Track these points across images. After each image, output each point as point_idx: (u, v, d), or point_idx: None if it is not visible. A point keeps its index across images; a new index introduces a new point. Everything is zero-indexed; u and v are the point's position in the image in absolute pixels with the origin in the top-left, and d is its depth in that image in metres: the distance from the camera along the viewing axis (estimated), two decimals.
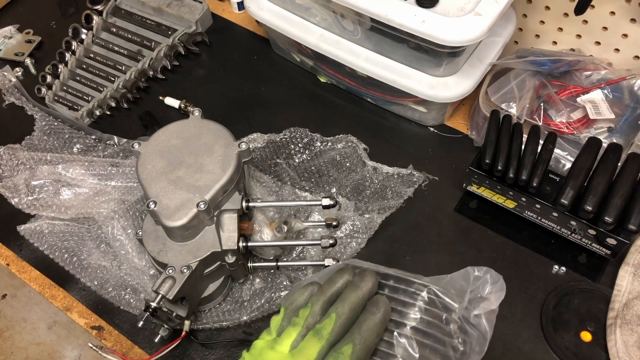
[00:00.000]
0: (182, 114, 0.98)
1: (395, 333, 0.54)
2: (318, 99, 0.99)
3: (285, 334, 0.53)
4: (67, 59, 1.04)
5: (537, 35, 0.94)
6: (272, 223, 0.78)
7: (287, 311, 0.55)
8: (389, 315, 0.54)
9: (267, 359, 0.52)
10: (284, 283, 0.78)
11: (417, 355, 0.53)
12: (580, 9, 0.80)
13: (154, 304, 0.66)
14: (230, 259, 0.72)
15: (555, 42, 0.93)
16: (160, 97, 1.00)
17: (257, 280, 0.80)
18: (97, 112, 0.98)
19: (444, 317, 0.55)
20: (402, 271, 0.59)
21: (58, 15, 1.15)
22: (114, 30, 1.06)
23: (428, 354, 0.53)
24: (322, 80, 1.00)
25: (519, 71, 0.87)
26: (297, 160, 0.90)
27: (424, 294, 0.56)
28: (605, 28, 0.86)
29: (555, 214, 0.75)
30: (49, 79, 1.03)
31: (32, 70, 1.06)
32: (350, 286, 0.54)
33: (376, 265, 0.63)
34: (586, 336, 0.73)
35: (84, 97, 0.99)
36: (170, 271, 0.68)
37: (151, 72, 1.02)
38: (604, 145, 0.73)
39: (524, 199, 0.76)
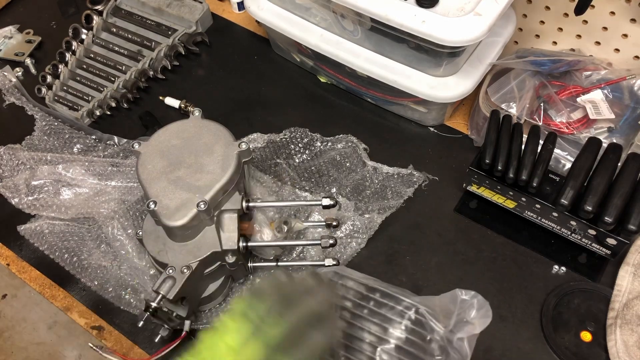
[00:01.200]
0: (182, 114, 0.98)
1: (378, 349, 0.55)
2: (318, 99, 0.99)
3: (236, 326, 0.53)
4: (67, 59, 1.04)
5: (537, 35, 0.94)
6: (272, 223, 0.78)
7: (250, 296, 0.55)
8: (336, 342, 0.54)
9: (213, 347, 0.52)
10: None
11: None
12: (580, 9, 0.80)
13: (154, 304, 0.66)
14: (231, 259, 0.72)
15: (555, 42, 0.93)
16: (160, 97, 1.00)
17: (257, 280, 0.80)
18: (97, 112, 0.98)
19: (428, 338, 0.56)
20: (392, 286, 0.60)
21: (58, 15, 1.15)
22: (114, 30, 1.06)
23: None
24: (322, 80, 1.00)
25: (519, 71, 0.87)
26: (297, 160, 0.90)
27: (412, 313, 0.56)
28: (605, 28, 0.86)
29: (555, 214, 0.75)
30: (49, 79, 1.03)
31: (32, 70, 1.06)
32: (310, 299, 0.55)
33: (366, 276, 0.65)
34: (586, 336, 0.73)
35: (84, 97, 0.99)
36: (171, 271, 0.68)
37: (151, 72, 1.02)
38: (604, 145, 0.73)
39: (524, 199, 0.76)
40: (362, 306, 0.59)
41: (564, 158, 0.82)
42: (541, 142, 0.75)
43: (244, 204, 0.73)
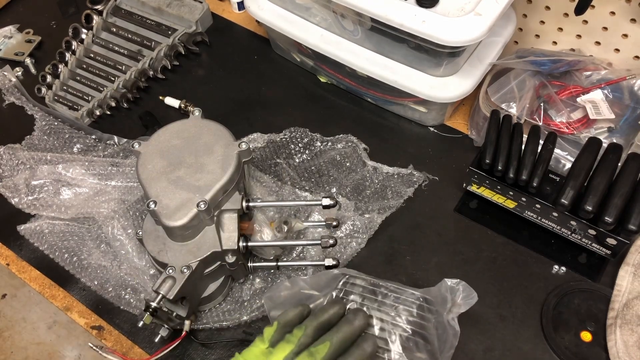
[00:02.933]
0: (182, 114, 0.98)
1: (391, 326, 0.64)
2: (318, 99, 0.99)
3: (280, 349, 0.56)
4: (67, 58, 1.04)
5: (537, 35, 0.94)
6: (272, 223, 0.78)
7: (280, 325, 0.58)
8: (375, 353, 0.60)
9: None
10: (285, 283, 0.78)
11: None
12: (580, 9, 0.80)
13: (154, 304, 0.66)
14: (231, 259, 0.72)
15: (555, 42, 0.93)
16: (160, 97, 1.00)
17: (257, 280, 0.80)
18: (97, 112, 0.98)
19: (431, 319, 0.66)
20: (394, 283, 0.69)
21: (58, 15, 1.15)
22: (114, 30, 1.06)
23: (412, 346, 0.63)
24: (322, 80, 1.00)
25: (519, 71, 0.87)
26: (297, 160, 0.90)
27: (416, 301, 0.67)
28: (605, 28, 0.86)
29: (555, 214, 0.75)
30: (49, 78, 1.03)
31: (32, 70, 1.06)
32: (345, 321, 0.59)
33: (368, 276, 0.70)
34: (586, 336, 0.73)
35: (84, 97, 0.99)
36: (171, 271, 0.68)
37: (151, 72, 1.02)
38: (604, 145, 0.73)
39: (524, 199, 0.76)
40: (373, 300, 0.66)
41: (564, 158, 0.82)
42: (541, 142, 0.75)
43: (244, 204, 0.73)
